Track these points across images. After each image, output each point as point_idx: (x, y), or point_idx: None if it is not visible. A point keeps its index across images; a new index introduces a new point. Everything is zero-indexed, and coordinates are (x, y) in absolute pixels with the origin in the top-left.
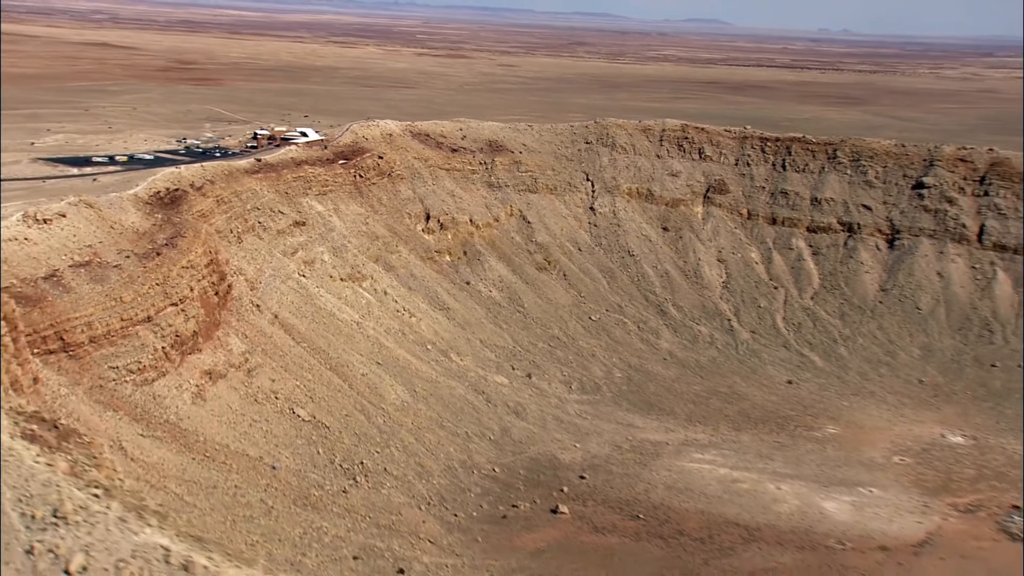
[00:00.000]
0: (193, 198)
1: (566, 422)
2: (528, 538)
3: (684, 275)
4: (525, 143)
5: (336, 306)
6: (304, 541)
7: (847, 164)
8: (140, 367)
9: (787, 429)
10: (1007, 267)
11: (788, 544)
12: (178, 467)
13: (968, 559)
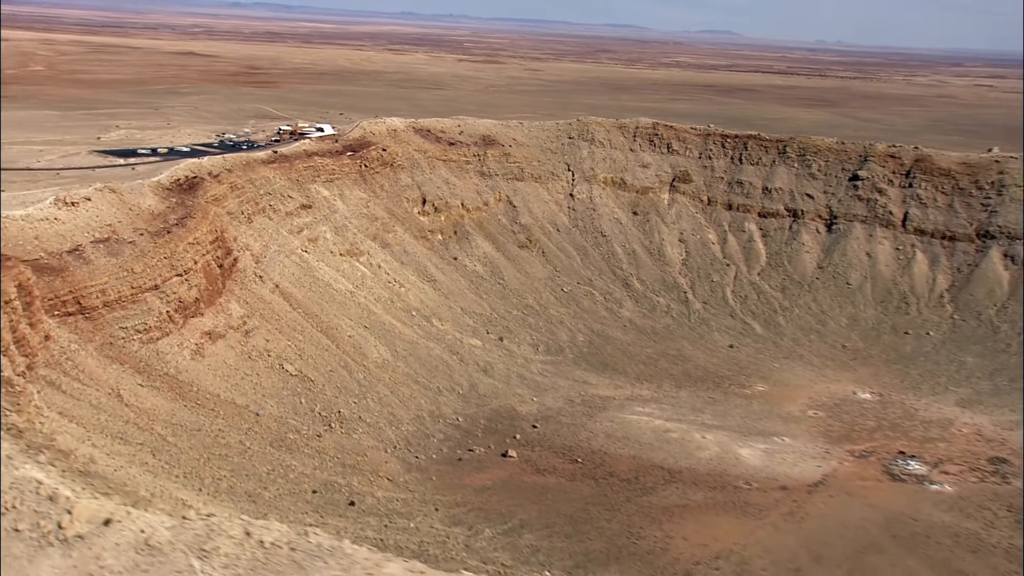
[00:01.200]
0: (209, 184)
1: (528, 379)
2: (477, 477)
3: (649, 253)
4: (515, 138)
5: (333, 277)
6: (269, 477)
7: (795, 158)
8: (146, 328)
9: (722, 387)
10: (925, 249)
11: (702, 484)
12: (168, 412)
13: (853, 496)
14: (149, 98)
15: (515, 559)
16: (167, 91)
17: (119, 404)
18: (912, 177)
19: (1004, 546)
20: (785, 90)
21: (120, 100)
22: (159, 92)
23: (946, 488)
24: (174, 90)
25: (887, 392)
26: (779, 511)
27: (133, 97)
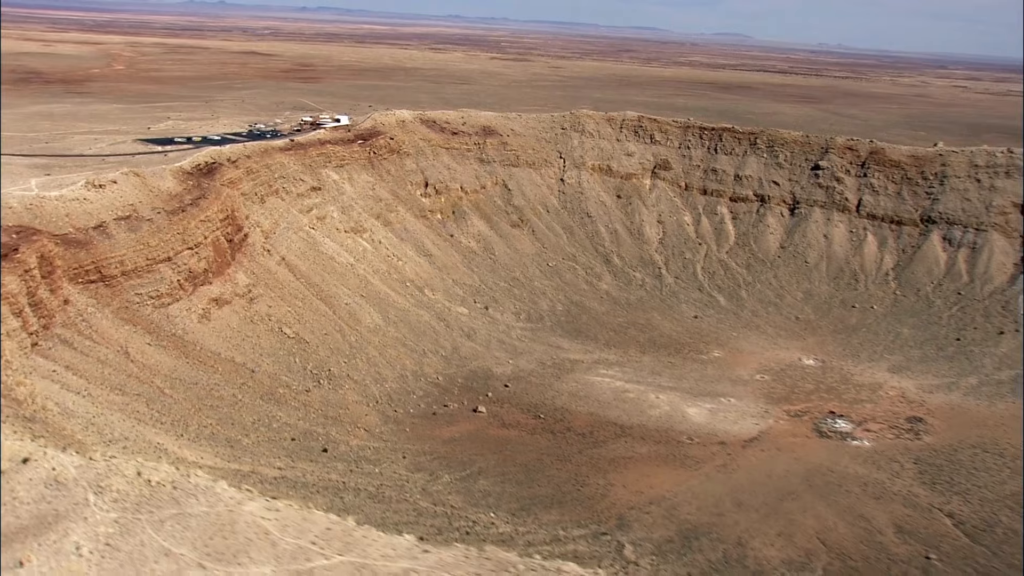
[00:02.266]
0: (226, 169)
1: (507, 344)
2: (446, 430)
3: (629, 232)
4: (513, 128)
5: (336, 251)
6: (253, 426)
7: (764, 149)
8: (159, 294)
9: (682, 353)
10: (875, 232)
11: (649, 439)
12: (170, 368)
13: (781, 451)
14: (205, 92)
15: (466, 502)
16: (223, 86)
17: (125, 360)
18: (867, 168)
19: (904, 493)
20: (779, 87)
21: (179, 94)
22: (215, 87)
23: (865, 443)
24: (229, 85)
25: (829, 359)
26: (713, 463)
27: (191, 92)
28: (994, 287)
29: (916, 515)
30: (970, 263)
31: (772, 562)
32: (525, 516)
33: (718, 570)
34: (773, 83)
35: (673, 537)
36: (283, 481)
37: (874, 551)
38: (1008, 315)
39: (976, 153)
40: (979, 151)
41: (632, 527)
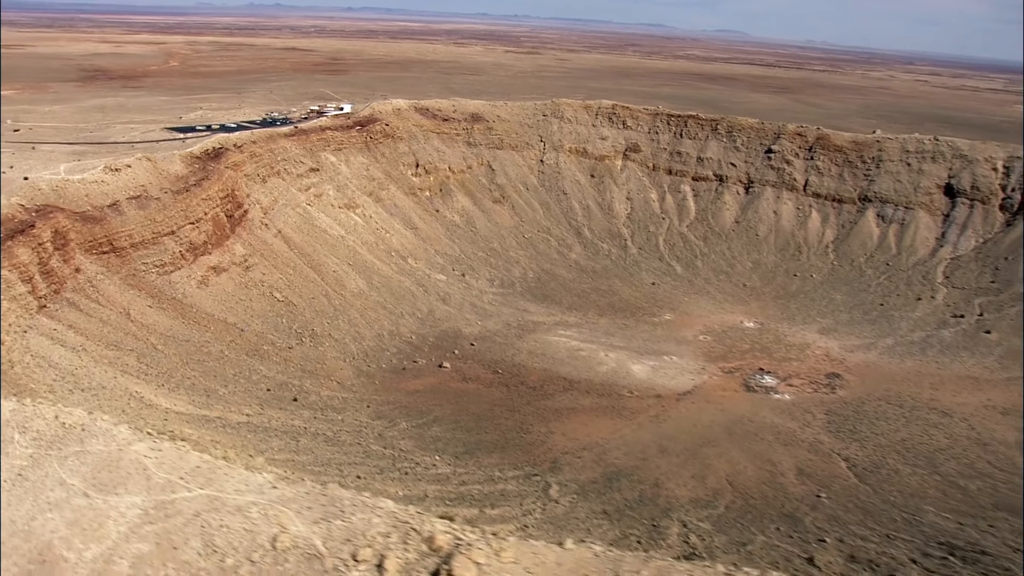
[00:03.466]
0: (231, 153)
1: (478, 307)
2: (412, 383)
3: (600, 208)
4: (499, 115)
5: (329, 225)
6: (234, 378)
7: (723, 134)
8: (163, 263)
9: (636, 316)
10: (819, 208)
11: (593, 393)
12: (166, 327)
13: (710, 403)
14: (240, 85)
15: (415, 446)
16: (258, 79)
17: (125, 320)
18: (813, 152)
19: (811, 440)
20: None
21: (218, 87)
22: (251, 80)
23: (785, 397)
24: (264, 78)
25: (768, 322)
26: (647, 414)
27: (228, 84)
28: (917, 259)
29: (817, 459)
30: (899, 237)
31: (681, 500)
32: (467, 459)
33: (631, 507)
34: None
35: (597, 479)
36: (246, 426)
37: (774, 490)
38: (926, 283)
39: (908, 140)
40: (910, 138)
41: (563, 470)
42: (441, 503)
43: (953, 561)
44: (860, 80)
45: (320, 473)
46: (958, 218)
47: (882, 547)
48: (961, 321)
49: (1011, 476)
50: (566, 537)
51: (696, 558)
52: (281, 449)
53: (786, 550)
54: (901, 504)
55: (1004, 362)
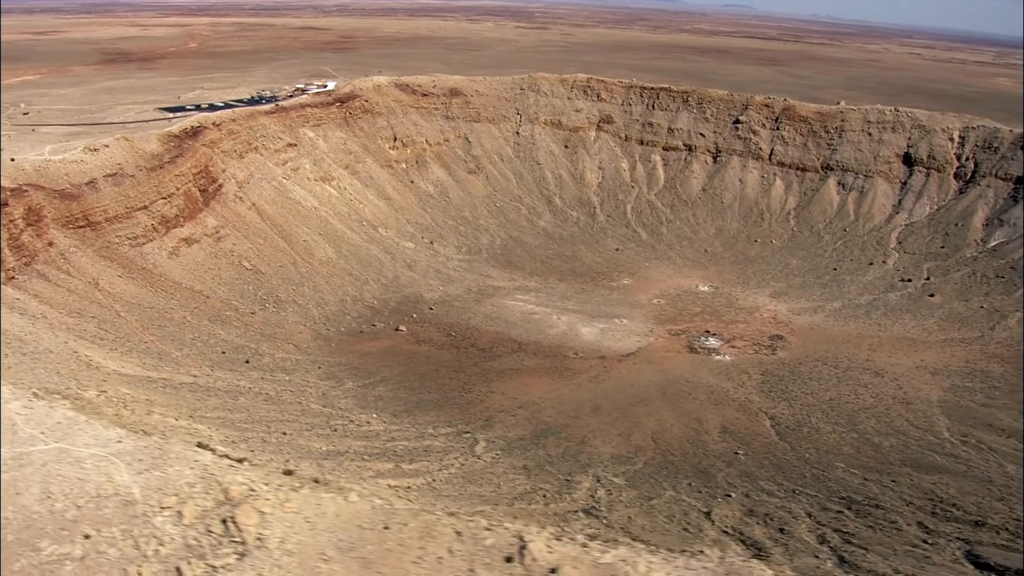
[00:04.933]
0: (209, 131)
1: (443, 273)
2: (367, 345)
3: (572, 177)
4: (478, 89)
5: (303, 197)
6: (191, 342)
7: (694, 105)
8: (135, 236)
9: (595, 280)
10: (783, 177)
11: (540, 354)
12: (132, 295)
13: (651, 364)
14: (247, 64)
15: (355, 404)
16: (268, 58)
17: (93, 289)
18: (779, 122)
19: (741, 400)
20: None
21: (227, 66)
22: (261, 59)
23: (726, 358)
24: (274, 57)
25: (723, 286)
26: (588, 374)
27: (237, 64)
28: (873, 225)
29: (743, 418)
30: (857, 204)
31: (602, 456)
32: (404, 417)
33: (552, 463)
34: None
35: (526, 436)
36: (189, 386)
37: (695, 448)
38: (879, 249)
39: (869, 111)
40: (872, 109)
41: (495, 427)
42: (358, 458)
43: (847, 514)
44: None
45: (245, 430)
46: (914, 186)
47: (785, 502)
48: (908, 285)
49: (924, 434)
50: (465, 490)
51: (596, 511)
52: (215, 408)
53: (689, 504)
54: (814, 461)
55: (943, 324)
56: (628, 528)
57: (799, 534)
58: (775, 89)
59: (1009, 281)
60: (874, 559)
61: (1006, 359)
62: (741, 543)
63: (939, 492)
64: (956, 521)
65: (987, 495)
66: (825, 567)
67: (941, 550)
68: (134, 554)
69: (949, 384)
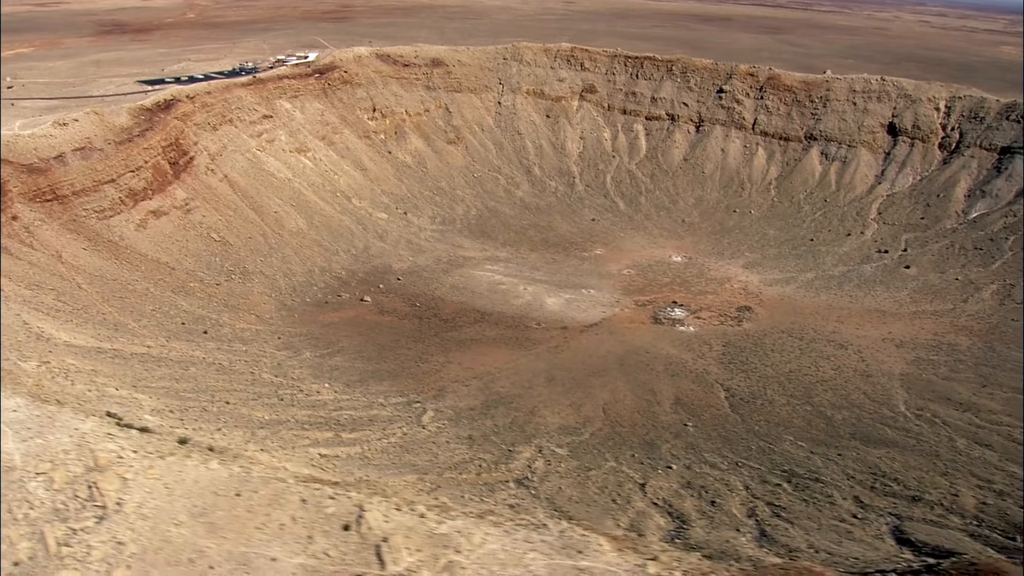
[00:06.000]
0: (182, 104)
1: (414, 244)
2: (330, 316)
3: (553, 147)
4: (460, 59)
5: (277, 168)
6: (150, 312)
7: (677, 75)
8: (102, 208)
9: (567, 251)
10: (765, 147)
11: (502, 325)
12: (95, 267)
13: (613, 335)
14: (240, 35)
15: (309, 375)
16: (264, 28)
17: (55, 262)
18: (763, 91)
19: (699, 371)
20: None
21: (220, 37)
22: (256, 30)
23: (690, 329)
24: (269, 27)
25: (696, 256)
26: (548, 345)
27: (231, 34)
28: (854, 195)
29: (698, 389)
30: (839, 174)
31: (549, 427)
32: (357, 387)
33: (497, 433)
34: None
35: (476, 406)
36: (140, 357)
37: (644, 419)
38: (859, 219)
39: (855, 80)
40: (858, 78)
41: (446, 397)
42: (298, 427)
43: (785, 488)
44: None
45: (188, 399)
46: (898, 156)
47: (725, 475)
48: (885, 256)
49: (879, 407)
50: (398, 460)
51: (527, 482)
52: (163, 377)
53: (627, 476)
54: (763, 433)
55: (915, 296)
56: (554, 499)
57: (729, 507)
58: (771, 58)
59: (987, 253)
60: (796, 533)
61: (975, 332)
62: (668, 515)
63: (883, 466)
64: (893, 496)
65: (931, 470)
66: (738, 541)
67: (869, 525)
68: (6, 517)
69: (914, 357)
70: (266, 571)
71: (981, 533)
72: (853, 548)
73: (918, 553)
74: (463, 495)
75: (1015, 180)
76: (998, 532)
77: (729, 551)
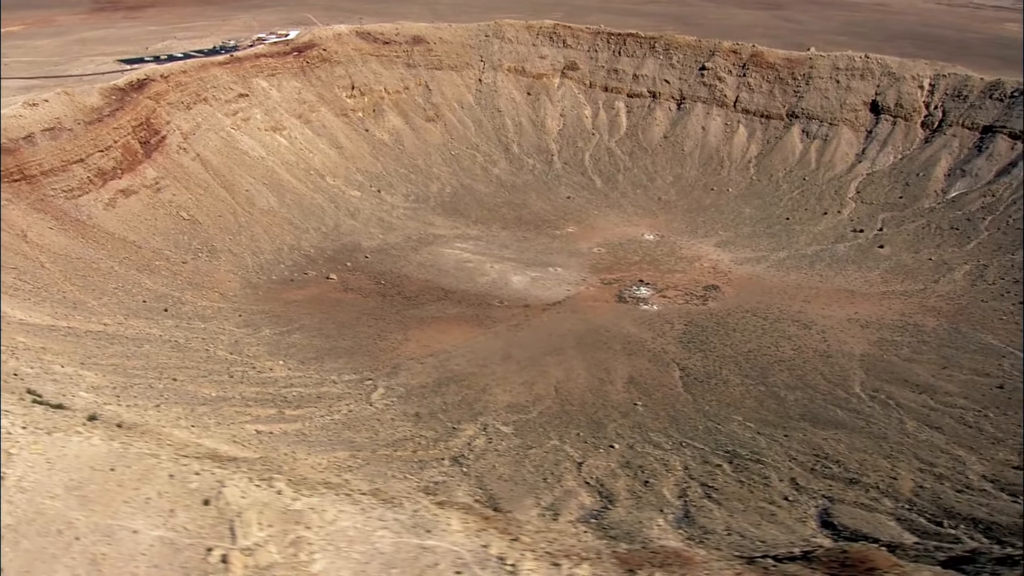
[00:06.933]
0: (156, 84)
1: (386, 221)
2: (294, 293)
3: (533, 125)
4: (442, 37)
5: (251, 147)
6: (112, 291)
7: (660, 52)
8: (71, 188)
9: (539, 228)
10: (746, 124)
11: (464, 303)
12: (60, 246)
13: (575, 313)
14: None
15: (265, 352)
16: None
17: (20, 241)
18: (746, 68)
19: (657, 351)
20: None
21: (213, 14)
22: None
23: (653, 308)
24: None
25: (669, 234)
26: (508, 323)
27: (223, 11)
28: (834, 174)
29: (654, 368)
30: (820, 153)
31: (498, 405)
32: (312, 364)
33: (444, 411)
34: None
35: (428, 383)
36: (94, 334)
37: (595, 398)
38: (836, 198)
39: (839, 57)
40: (842, 56)
41: (400, 375)
42: (241, 404)
43: (725, 468)
44: None
45: (134, 376)
46: (880, 135)
47: (667, 455)
48: (859, 236)
49: (834, 388)
50: (337, 436)
51: (463, 460)
52: (114, 355)
53: (566, 454)
54: (712, 414)
55: (887, 276)
56: (483, 477)
57: (661, 488)
58: (764, 34)
59: (963, 233)
60: (719, 515)
61: (943, 312)
62: (597, 494)
63: (827, 448)
64: (831, 478)
65: (875, 452)
66: (651, 523)
67: (796, 507)
68: None
69: (877, 338)
70: (127, 542)
71: (908, 517)
72: (770, 531)
73: (836, 537)
74: (388, 473)
75: (995, 159)
76: (926, 516)
77: (635, 532)
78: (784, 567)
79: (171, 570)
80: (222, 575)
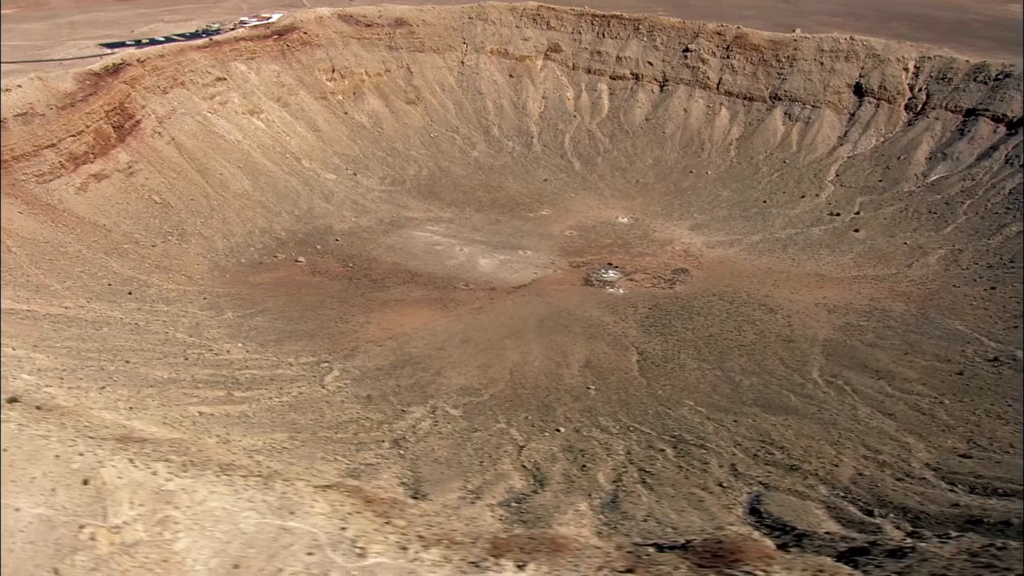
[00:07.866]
0: (131, 68)
1: (359, 204)
2: (261, 276)
3: (514, 107)
4: (424, 19)
5: (227, 130)
6: (78, 274)
7: (644, 33)
8: (42, 173)
9: (513, 211)
10: (729, 106)
11: (430, 286)
12: (29, 230)
13: (540, 296)
14: None
15: (225, 335)
16: None
17: None
18: (730, 50)
19: (617, 334)
20: None
21: None
22: None
23: (619, 291)
24: None
25: (643, 217)
26: (471, 307)
27: None
28: (815, 157)
29: (612, 352)
30: (801, 135)
31: (450, 388)
32: (271, 347)
33: (396, 393)
34: None
35: (384, 366)
36: (52, 317)
37: (548, 381)
38: (815, 181)
39: (823, 39)
40: (827, 37)
41: (357, 357)
42: (190, 386)
43: (667, 454)
44: None
45: (87, 359)
46: (862, 117)
47: (612, 439)
48: (836, 219)
49: (792, 373)
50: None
51: (403, 442)
52: (70, 338)
53: (511, 438)
54: (664, 398)
55: (859, 260)
56: (419, 460)
57: (596, 472)
58: (758, 15)
59: (940, 217)
60: (645, 502)
61: (913, 298)
62: (531, 478)
63: (774, 434)
64: (772, 464)
65: (822, 439)
66: (568, 509)
67: (728, 494)
68: None
69: (843, 323)
70: (9, 519)
71: (839, 505)
72: (690, 518)
73: (758, 526)
74: (318, 455)
75: (977, 143)
76: (859, 504)
77: (546, 518)
78: (655, 556)
79: (45, 546)
80: (89, 551)
